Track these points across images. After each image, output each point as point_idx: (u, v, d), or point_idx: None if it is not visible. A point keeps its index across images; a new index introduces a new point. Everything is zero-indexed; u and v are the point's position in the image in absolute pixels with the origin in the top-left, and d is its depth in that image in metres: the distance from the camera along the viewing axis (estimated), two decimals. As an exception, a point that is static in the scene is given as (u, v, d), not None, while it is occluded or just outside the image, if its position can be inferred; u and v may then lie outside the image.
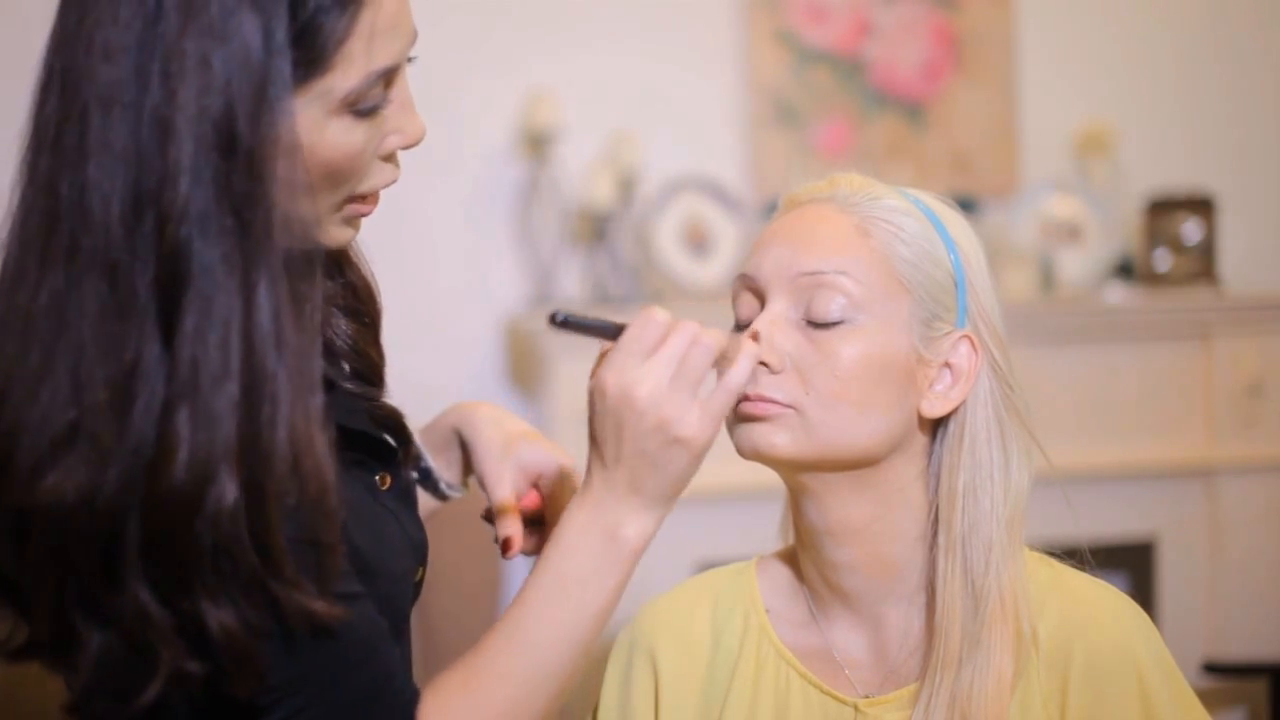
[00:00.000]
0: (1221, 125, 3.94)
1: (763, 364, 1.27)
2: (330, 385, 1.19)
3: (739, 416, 1.29)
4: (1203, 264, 3.68)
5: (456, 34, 3.50)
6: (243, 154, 1.04)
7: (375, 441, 1.25)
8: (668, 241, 3.50)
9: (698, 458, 1.17)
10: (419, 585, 1.27)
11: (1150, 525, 3.59)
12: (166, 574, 1.03)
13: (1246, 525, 3.60)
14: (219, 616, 1.03)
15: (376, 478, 1.25)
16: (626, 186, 3.46)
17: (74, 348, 1.04)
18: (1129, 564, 3.60)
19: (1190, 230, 3.68)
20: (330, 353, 1.24)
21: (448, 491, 1.42)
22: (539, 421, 3.21)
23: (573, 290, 3.53)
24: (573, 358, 3.23)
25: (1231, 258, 3.84)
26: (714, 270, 3.48)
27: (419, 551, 1.28)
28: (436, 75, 3.48)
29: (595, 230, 3.49)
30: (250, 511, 1.02)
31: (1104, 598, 1.32)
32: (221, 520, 1.01)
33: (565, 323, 1.17)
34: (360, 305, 1.29)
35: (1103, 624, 1.29)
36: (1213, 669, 2.94)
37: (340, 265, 1.29)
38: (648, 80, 3.59)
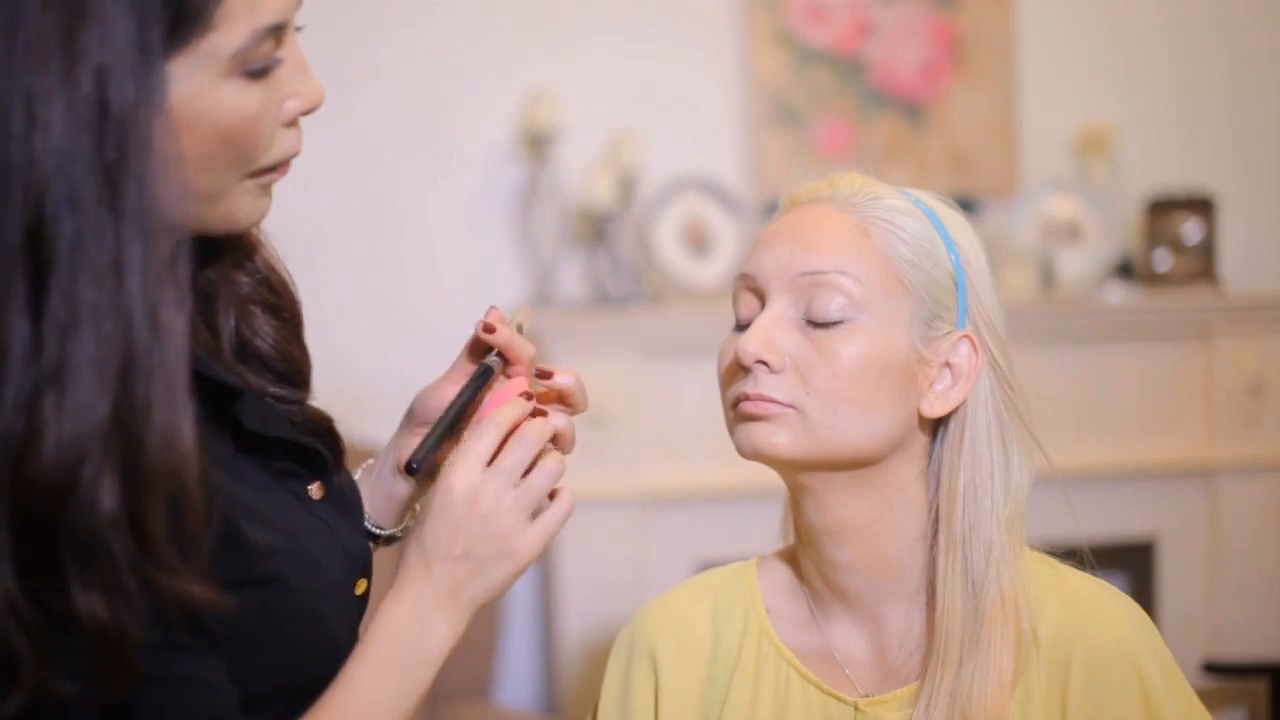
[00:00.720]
0: (1221, 125, 3.94)
1: (763, 363, 1.27)
2: (239, 393, 1.16)
3: (739, 416, 1.29)
4: (1203, 264, 3.68)
5: (456, 34, 3.50)
6: (114, 125, 1.00)
7: (303, 449, 1.21)
8: (668, 241, 3.50)
9: (520, 573, 1.19)
10: (364, 598, 1.25)
11: (1150, 525, 3.59)
12: (35, 566, 0.99)
13: (1246, 525, 3.60)
14: (90, 606, 0.98)
15: (310, 487, 1.22)
16: (626, 186, 3.46)
17: None
18: (1129, 564, 3.60)
19: (1190, 230, 3.68)
20: (254, 356, 1.21)
21: (374, 530, 1.35)
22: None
23: (573, 290, 3.53)
24: (573, 359, 3.23)
25: (1231, 258, 3.84)
26: (714, 270, 3.48)
27: (357, 562, 1.24)
28: (437, 75, 3.49)
29: (595, 230, 3.49)
30: (126, 499, 0.99)
31: (1104, 597, 1.32)
32: (95, 508, 0.98)
33: (416, 470, 1.21)
34: (278, 301, 1.24)
35: (1103, 623, 1.29)
36: (1213, 669, 2.94)
37: (250, 257, 1.23)
38: (648, 80, 3.59)
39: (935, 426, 1.31)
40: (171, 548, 1.00)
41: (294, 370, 1.24)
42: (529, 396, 1.25)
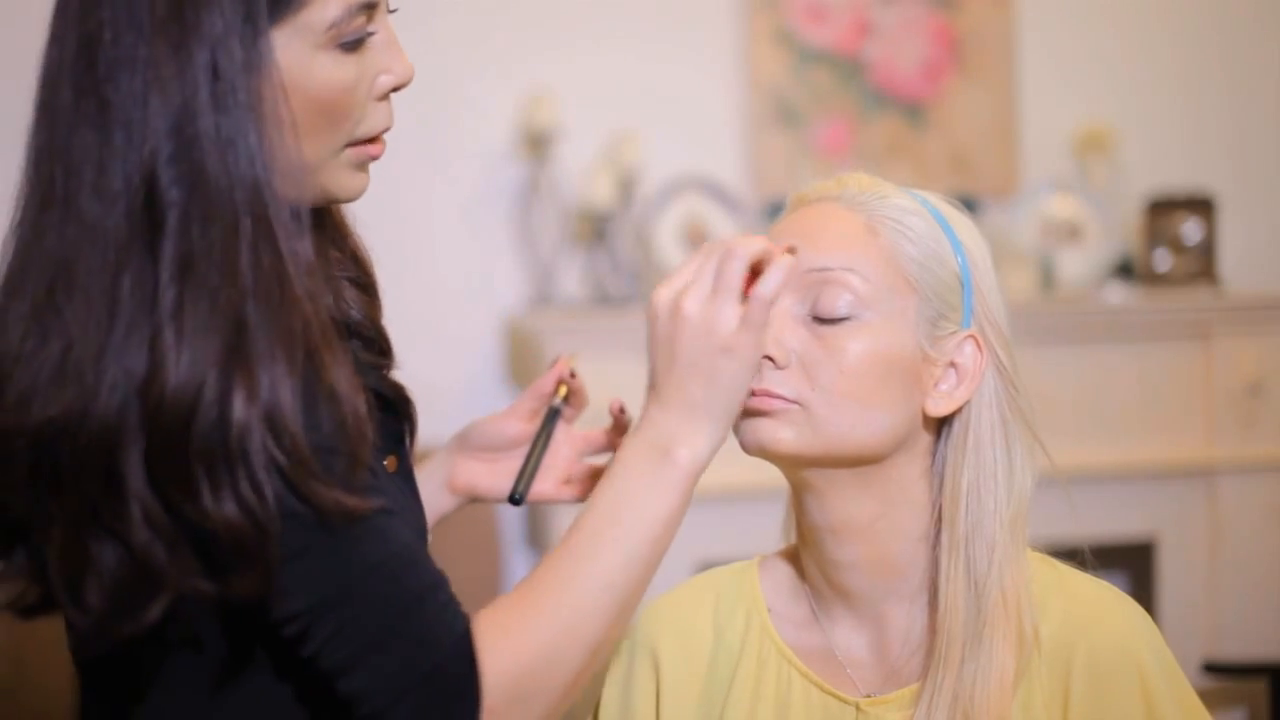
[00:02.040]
0: (1222, 125, 3.94)
1: (768, 359, 1.27)
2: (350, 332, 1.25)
3: (744, 411, 1.29)
4: (1203, 264, 3.68)
5: (456, 34, 3.50)
6: (224, 87, 1.09)
7: (389, 412, 1.27)
8: (668, 241, 3.50)
9: (746, 367, 1.19)
10: None
11: (1150, 525, 3.59)
12: (168, 479, 1.08)
13: (1246, 525, 3.60)
14: (220, 509, 1.07)
15: (385, 461, 1.26)
16: (626, 186, 3.46)
17: (65, 286, 1.10)
18: (1129, 564, 3.60)
19: (1190, 230, 3.68)
20: (344, 325, 1.27)
21: None
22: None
23: (573, 290, 3.53)
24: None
25: (1231, 258, 3.84)
26: (714, 270, 3.47)
27: (422, 537, 1.29)
28: (437, 75, 3.48)
29: (595, 230, 3.49)
30: (265, 410, 1.07)
31: (1106, 598, 1.31)
32: (225, 421, 1.06)
33: (520, 500, 1.33)
34: (363, 276, 1.33)
35: (1105, 624, 1.29)
36: (1213, 669, 2.94)
37: (341, 233, 1.32)
38: (648, 80, 3.59)
39: (939, 426, 1.31)
40: (313, 455, 1.08)
41: (380, 339, 1.32)
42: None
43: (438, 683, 1.10)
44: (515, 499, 1.42)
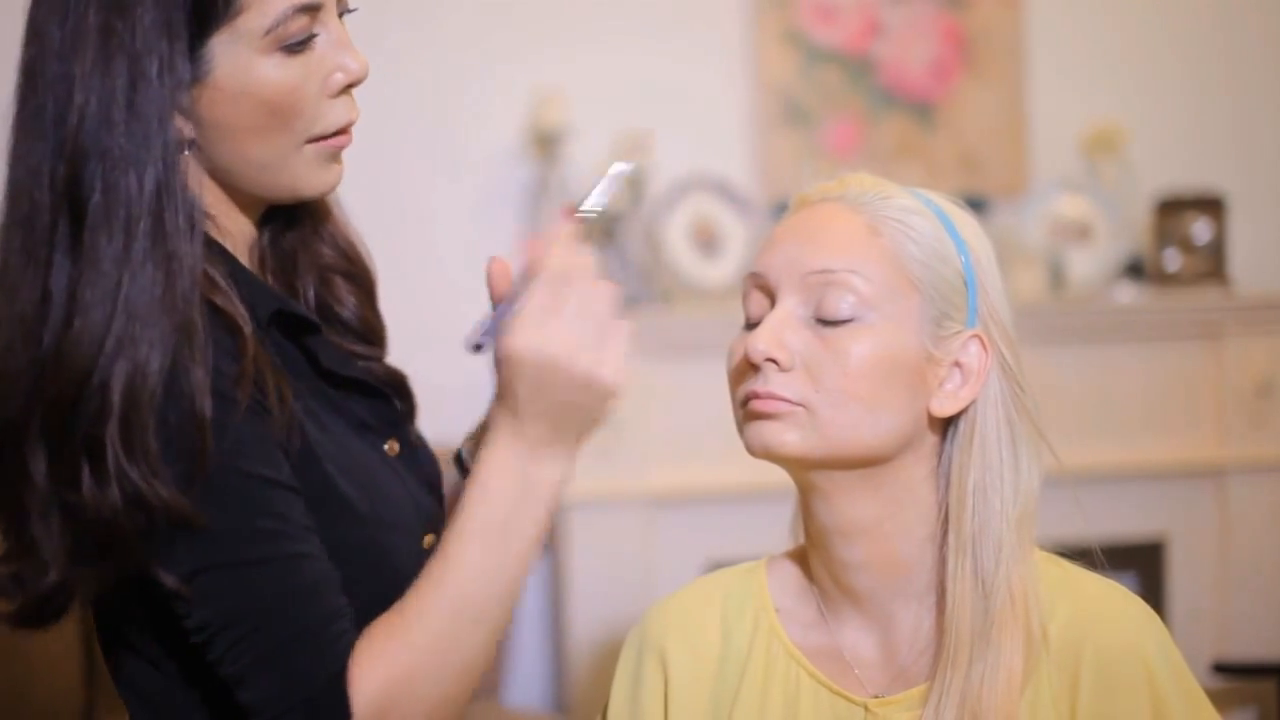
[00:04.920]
0: (1231, 124, 3.93)
1: (772, 361, 1.27)
2: (316, 328, 1.29)
3: (749, 415, 1.29)
4: (1212, 264, 3.68)
5: (464, 34, 3.50)
6: (141, 100, 1.16)
7: (378, 399, 1.31)
8: (677, 241, 3.50)
9: (613, 399, 1.21)
10: (430, 553, 1.28)
11: (1160, 525, 3.58)
12: (59, 465, 1.15)
13: (1256, 525, 3.59)
14: (94, 497, 1.14)
15: (385, 446, 1.30)
16: (635, 186, 3.46)
17: (4, 290, 1.18)
18: (1138, 564, 3.59)
19: (1200, 230, 3.68)
20: (335, 320, 1.32)
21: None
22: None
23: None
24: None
25: (1241, 257, 3.84)
26: (723, 270, 3.47)
27: (425, 516, 1.31)
28: (446, 75, 3.49)
29: (604, 230, 3.48)
30: (124, 409, 1.13)
31: (1114, 598, 1.31)
32: (101, 416, 1.13)
33: (479, 347, 1.25)
34: (354, 269, 1.36)
35: (1113, 624, 1.29)
36: (1222, 669, 2.94)
37: (328, 226, 1.35)
38: (656, 80, 3.59)
39: (945, 426, 1.31)
40: (156, 457, 1.13)
41: (371, 331, 1.36)
42: None
43: (316, 708, 1.15)
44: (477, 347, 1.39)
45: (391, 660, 1.16)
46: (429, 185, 3.48)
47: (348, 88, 1.25)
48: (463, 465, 1.44)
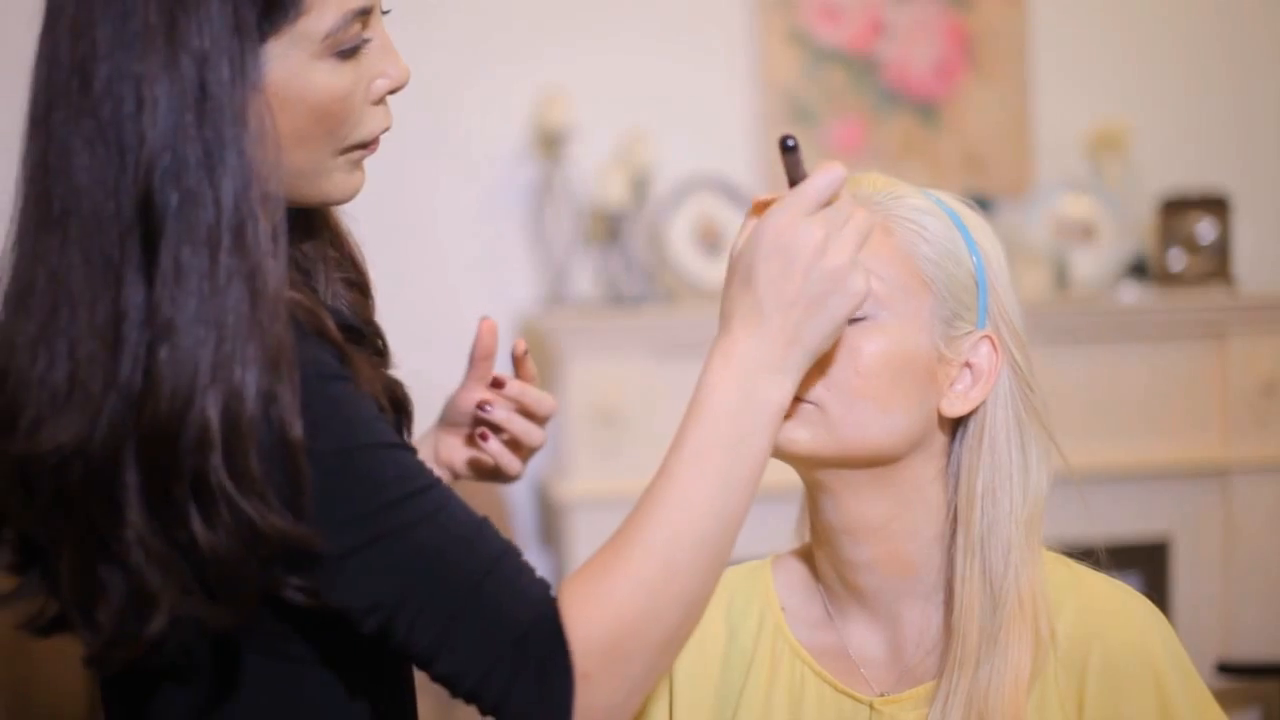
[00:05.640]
0: (1235, 124, 3.93)
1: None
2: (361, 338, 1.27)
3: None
4: (1217, 263, 3.67)
5: (469, 34, 3.50)
6: (212, 105, 1.10)
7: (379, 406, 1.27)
8: (681, 241, 3.50)
9: (850, 315, 1.17)
10: None
11: (1164, 525, 3.58)
12: (160, 503, 1.10)
13: (1261, 525, 3.60)
14: (207, 536, 1.09)
15: None
16: (639, 186, 3.47)
17: (68, 307, 1.11)
18: (1143, 564, 3.59)
19: (1204, 230, 3.68)
20: (342, 327, 1.27)
21: None
22: (552, 420, 3.21)
23: (586, 290, 3.53)
24: (586, 357, 3.23)
25: (1245, 257, 3.84)
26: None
27: None
28: (451, 75, 3.49)
29: (609, 230, 3.49)
30: (225, 442, 1.08)
31: (1121, 598, 1.31)
32: (204, 450, 1.08)
33: (793, 148, 1.19)
34: (356, 276, 1.33)
35: (1120, 624, 1.29)
36: (1227, 669, 2.94)
37: (337, 234, 1.33)
38: (661, 80, 3.60)
39: (954, 426, 1.31)
40: (268, 489, 1.09)
41: (374, 338, 1.33)
42: (499, 384, 1.46)
43: (525, 649, 1.10)
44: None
45: (622, 593, 1.11)
46: (433, 185, 3.48)
47: (389, 92, 1.23)
48: None
